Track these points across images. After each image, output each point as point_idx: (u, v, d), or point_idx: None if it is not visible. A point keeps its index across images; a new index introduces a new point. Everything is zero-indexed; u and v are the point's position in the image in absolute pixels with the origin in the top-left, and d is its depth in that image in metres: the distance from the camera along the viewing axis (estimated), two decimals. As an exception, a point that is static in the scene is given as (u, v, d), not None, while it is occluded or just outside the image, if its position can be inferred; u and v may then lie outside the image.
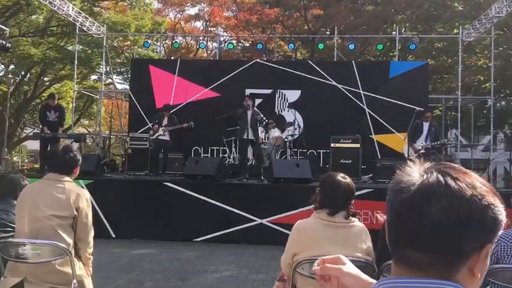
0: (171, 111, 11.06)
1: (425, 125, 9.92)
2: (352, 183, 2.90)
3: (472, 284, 0.85)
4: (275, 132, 10.67)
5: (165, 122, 10.57)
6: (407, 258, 0.86)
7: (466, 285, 0.84)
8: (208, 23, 24.56)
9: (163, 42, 19.48)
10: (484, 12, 13.44)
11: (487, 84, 16.90)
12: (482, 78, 19.15)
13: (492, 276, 2.59)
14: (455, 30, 17.51)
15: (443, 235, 0.81)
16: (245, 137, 9.81)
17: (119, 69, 24.02)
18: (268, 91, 12.87)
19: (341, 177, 2.89)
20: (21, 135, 27.14)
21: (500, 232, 2.66)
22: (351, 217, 2.80)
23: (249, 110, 10.00)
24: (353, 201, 2.85)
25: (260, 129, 10.58)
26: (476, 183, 0.84)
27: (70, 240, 3.05)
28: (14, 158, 34.23)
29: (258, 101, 12.76)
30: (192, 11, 25.16)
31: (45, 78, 23.89)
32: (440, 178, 0.84)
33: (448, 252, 0.83)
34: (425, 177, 0.85)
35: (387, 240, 0.91)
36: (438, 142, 10.06)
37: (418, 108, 10.33)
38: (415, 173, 0.87)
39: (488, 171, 16.13)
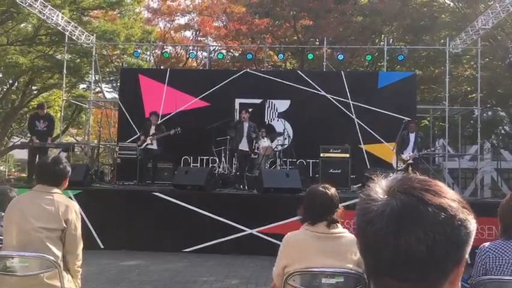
0: (158, 118, 11.00)
1: (412, 136, 10.05)
2: (334, 193, 2.91)
3: None
4: (265, 142, 10.70)
5: (152, 131, 10.52)
6: (384, 285, 0.85)
7: None
8: (198, 33, 24.61)
9: (153, 51, 19.47)
10: (470, 24, 13.66)
11: (474, 95, 17.12)
12: (469, 88, 19.41)
13: (481, 287, 2.60)
14: (443, 41, 17.73)
15: (422, 264, 0.81)
16: (242, 148, 10.00)
17: (108, 78, 23.91)
18: (258, 101, 12.92)
19: (321, 187, 2.91)
20: (8, 144, 26.84)
21: (488, 244, 2.67)
22: (333, 224, 2.80)
23: (246, 122, 10.17)
24: (337, 210, 2.85)
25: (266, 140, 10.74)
26: (444, 202, 0.83)
27: (59, 253, 3.02)
28: (1, 168, 33.84)
29: (247, 111, 12.82)
30: (182, 20, 25.11)
31: (33, 87, 23.71)
32: (408, 202, 0.82)
33: (428, 278, 0.83)
34: (392, 202, 0.83)
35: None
36: (426, 151, 10.17)
37: (406, 119, 10.43)
38: (379, 195, 0.85)
39: (475, 181, 16.28)
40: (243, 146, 10.19)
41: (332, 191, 2.91)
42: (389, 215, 0.82)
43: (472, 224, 0.85)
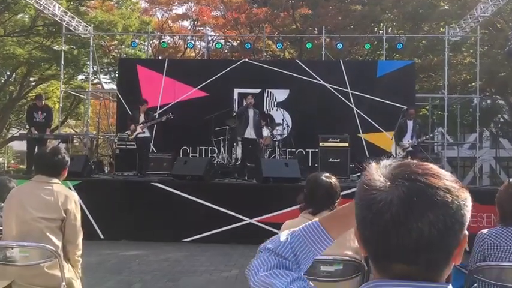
0: (148, 106, 10.73)
1: (410, 123, 10.07)
2: (337, 183, 2.91)
3: (450, 269, 0.88)
4: (264, 132, 10.69)
5: (141, 119, 10.28)
6: (394, 271, 0.85)
7: (447, 274, 0.87)
8: (196, 23, 24.47)
9: (151, 41, 19.38)
10: (469, 12, 13.59)
11: (473, 83, 17.09)
12: (468, 77, 19.36)
13: (480, 274, 2.62)
14: (442, 29, 17.65)
15: (433, 247, 0.82)
16: (247, 136, 9.81)
17: (106, 69, 23.85)
18: (257, 91, 12.85)
19: (324, 176, 2.91)
20: (6, 135, 26.81)
21: (486, 230, 2.68)
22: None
23: (251, 109, 10.01)
24: (338, 200, 2.86)
25: (265, 129, 10.59)
26: (447, 183, 0.84)
27: (58, 243, 3.03)
28: (0, 159, 33.84)
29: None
30: (180, 10, 24.99)
31: (31, 79, 23.62)
32: (415, 188, 0.83)
33: (438, 261, 0.85)
34: (399, 190, 0.83)
35: (365, 253, 0.91)
36: (425, 138, 10.18)
37: (405, 107, 10.43)
38: (382, 184, 0.85)
39: (474, 169, 16.31)
40: (249, 133, 9.94)
41: (334, 180, 2.91)
42: (398, 203, 0.82)
43: (470, 201, 0.87)
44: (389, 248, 0.84)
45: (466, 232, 0.87)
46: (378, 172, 0.89)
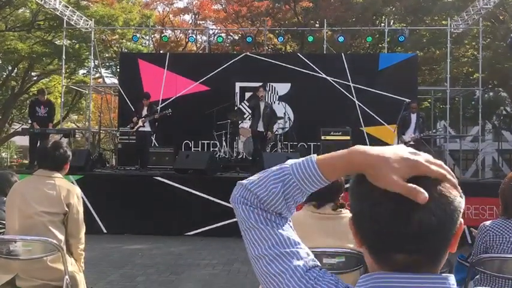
0: (150, 100, 10.71)
1: (413, 117, 10.03)
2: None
3: (446, 258, 0.88)
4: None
5: (144, 112, 10.27)
6: (394, 261, 0.84)
7: (443, 263, 0.87)
8: (197, 16, 24.40)
9: (152, 35, 19.34)
10: (472, 4, 13.52)
11: (475, 76, 17.03)
12: (470, 69, 19.29)
13: (482, 265, 2.62)
14: (444, 22, 17.57)
15: (434, 235, 0.82)
16: (258, 129, 9.80)
17: (107, 64, 23.82)
18: (258, 84, 12.81)
19: None
20: (9, 130, 26.84)
21: (488, 222, 2.67)
22: (340, 209, 2.81)
23: (262, 102, 9.97)
24: (342, 193, 2.85)
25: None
26: None
27: (61, 237, 3.04)
28: (3, 154, 33.92)
29: (248, 94, 12.79)
30: (181, 4, 25.04)
31: (33, 73, 23.62)
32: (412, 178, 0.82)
33: (438, 249, 0.84)
34: None
35: (361, 246, 0.89)
36: (428, 133, 10.16)
37: (407, 100, 10.41)
38: None
39: (476, 162, 16.30)
40: (259, 126, 9.91)
41: None
42: (396, 194, 0.82)
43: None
44: (389, 238, 0.83)
45: (462, 220, 0.86)
46: None
